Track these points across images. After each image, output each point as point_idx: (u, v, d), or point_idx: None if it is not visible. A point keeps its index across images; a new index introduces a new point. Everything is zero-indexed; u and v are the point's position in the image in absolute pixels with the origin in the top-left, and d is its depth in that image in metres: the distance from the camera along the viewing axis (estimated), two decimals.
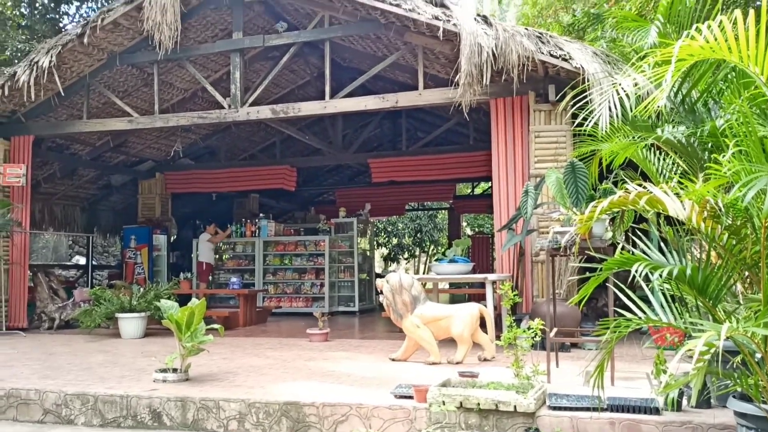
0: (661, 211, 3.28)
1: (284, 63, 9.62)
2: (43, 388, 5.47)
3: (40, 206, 13.13)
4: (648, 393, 4.63)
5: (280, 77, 11.84)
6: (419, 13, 8.03)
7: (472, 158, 12.57)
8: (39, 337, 9.48)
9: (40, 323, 10.52)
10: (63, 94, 10.06)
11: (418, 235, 26.49)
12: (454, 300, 14.32)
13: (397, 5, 8.14)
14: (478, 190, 21.10)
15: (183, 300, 8.41)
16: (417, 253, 29.22)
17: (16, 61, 12.91)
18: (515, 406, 4.30)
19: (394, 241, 26.99)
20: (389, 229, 26.51)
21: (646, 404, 4.24)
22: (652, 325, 3.54)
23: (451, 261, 8.01)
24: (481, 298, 9.88)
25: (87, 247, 14.53)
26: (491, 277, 7.49)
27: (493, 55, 7.65)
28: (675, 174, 4.47)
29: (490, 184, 16.92)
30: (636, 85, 3.85)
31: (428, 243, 27.67)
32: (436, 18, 7.96)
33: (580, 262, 6.95)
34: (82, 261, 16.07)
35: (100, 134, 11.62)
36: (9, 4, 15.38)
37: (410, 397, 4.72)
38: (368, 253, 15.21)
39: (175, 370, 5.73)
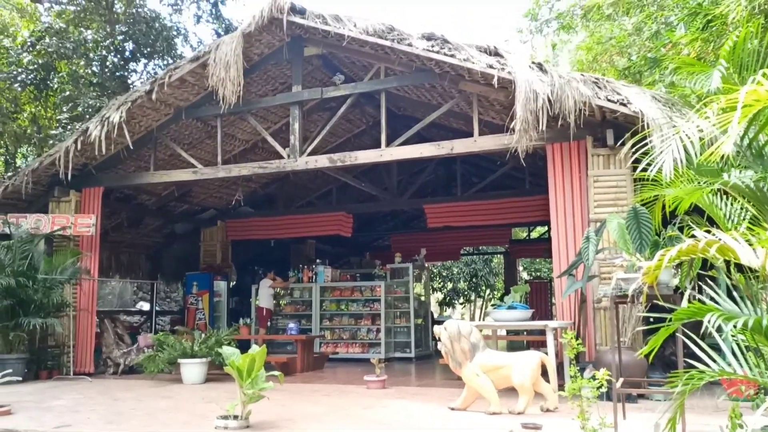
0: (731, 259, 3.18)
1: (341, 113, 9.83)
2: None
3: (107, 254, 13.60)
4: None
5: (336, 127, 12.08)
6: (474, 63, 8.12)
7: (528, 203, 12.45)
8: (104, 382, 9.70)
9: (105, 368, 10.78)
10: (132, 147, 10.48)
11: (474, 279, 26.21)
12: (512, 347, 14.02)
13: (452, 56, 8.25)
14: (534, 234, 20.82)
15: (242, 345, 8.51)
16: (473, 297, 28.87)
17: (88, 117, 13.58)
18: None
19: (450, 285, 26.76)
20: (444, 274, 26.34)
21: None
22: (725, 377, 3.39)
23: (510, 307, 7.88)
24: (539, 346, 9.65)
25: (151, 293, 14.92)
26: (552, 324, 7.32)
27: (549, 101, 7.63)
28: (743, 219, 4.33)
29: (546, 229, 16.70)
30: (701, 130, 3.78)
31: (484, 288, 27.33)
32: (491, 67, 8.03)
33: (645, 310, 6.74)
34: (146, 307, 16.46)
35: (165, 185, 12.03)
36: (82, 63, 16.29)
37: None
38: (424, 298, 15.12)
39: (236, 417, 5.76)
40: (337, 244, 18.00)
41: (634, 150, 6.42)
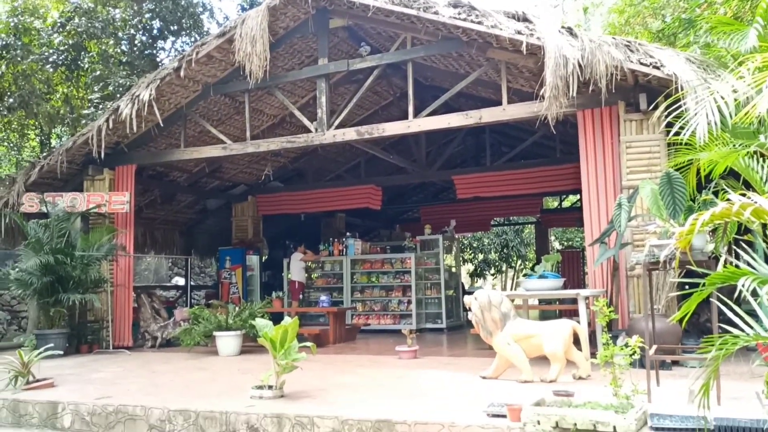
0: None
1: (368, 85, 9.78)
2: (148, 404, 5.74)
3: (142, 231, 13.88)
4: (759, 413, 4.35)
5: (363, 99, 12.04)
6: (501, 29, 7.99)
7: (559, 171, 12.31)
8: (143, 355, 9.96)
9: (143, 342, 11.05)
10: (162, 124, 10.60)
11: (505, 250, 26.12)
12: (544, 317, 13.99)
13: (479, 23, 8.12)
14: (566, 203, 20.63)
15: (275, 318, 8.63)
16: (504, 268, 28.80)
17: (119, 96, 13.74)
18: (615, 427, 4.14)
19: (480, 256, 26.71)
20: (475, 245, 26.29)
21: (756, 425, 3.99)
22: (761, 342, 3.34)
23: (541, 276, 7.85)
24: (571, 315, 9.61)
25: (185, 268, 15.17)
26: (584, 292, 7.28)
27: (579, 66, 7.49)
28: None
29: (578, 197, 16.53)
30: (735, 91, 3.67)
31: (515, 258, 27.23)
32: (519, 33, 7.89)
33: (679, 276, 6.66)
34: (181, 282, 16.77)
35: (196, 161, 12.14)
36: (111, 42, 16.44)
37: (503, 416, 4.64)
38: (454, 269, 15.12)
39: (270, 387, 5.88)
40: (367, 217, 18.06)
41: (667, 114, 6.29)
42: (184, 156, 10.85)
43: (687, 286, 4.35)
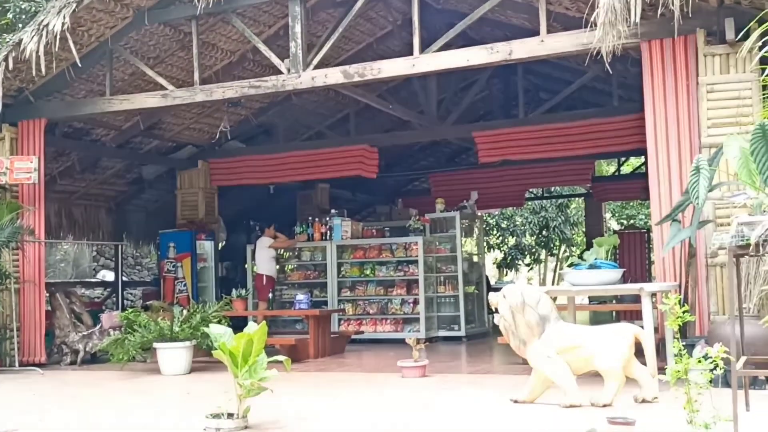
0: None
1: (359, 9, 9.69)
2: None
3: (56, 208, 13.83)
4: None
5: (353, 29, 11.94)
6: None
7: (616, 125, 12.27)
8: (60, 375, 9.97)
9: (60, 357, 11.04)
10: (80, 65, 10.50)
11: (544, 232, 26.14)
12: (596, 320, 14.03)
13: None
14: (626, 169, 20.60)
15: (237, 324, 8.65)
16: (543, 256, 28.87)
17: (21, 25, 13.61)
18: None
19: (512, 241, 26.76)
20: (504, 226, 26.32)
21: None
22: None
23: (592, 267, 7.85)
24: (633, 317, 9.62)
25: (115, 258, 15.17)
26: (649, 287, 7.28)
27: None
28: None
29: (643, 160, 16.50)
30: None
31: (558, 243, 27.29)
32: None
33: None
34: (110, 277, 16.78)
35: (127, 114, 12.05)
36: None
37: None
38: (477, 258, 15.15)
39: (230, 416, 5.88)
40: (360, 190, 18.04)
41: (762, 45, 6.24)
42: (110, 107, 10.76)
43: None
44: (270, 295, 13.72)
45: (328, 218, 14.26)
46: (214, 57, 11.98)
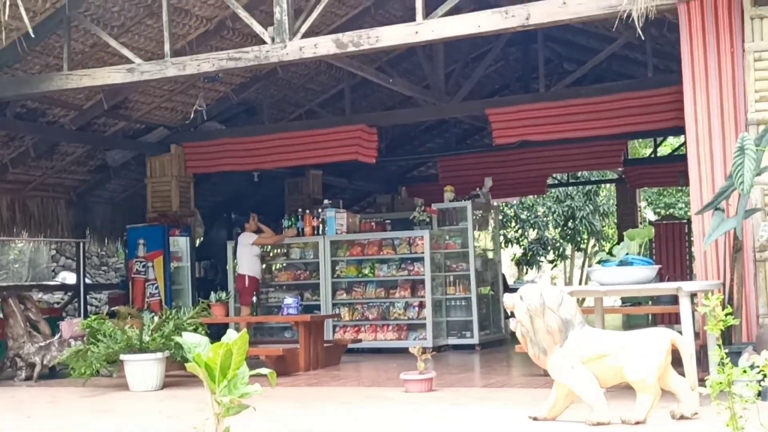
0: None
1: None
2: None
3: (8, 201, 13.86)
4: None
5: None
6: None
7: (651, 100, 12.23)
8: (13, 392, 9.98)
9: (14, 371, 11.06)
10: (33, 35, 10.43)
11: (570, 223, 26.13)
12: (629, 324, 14.03)
13: None
14: (663, 150, 20.58)
15: (216, 332, 8.64)
16: (568, 252, 28.84)
17: None
18: None
19: (532, 234, 26.75)
20: (524, 217, 26.31)
21: None
22: None
23: (623, 263, 7.85)
24: (670, 321, 9.62)
25: (77, 258, 15.18)
26: (688, 286, 7.28)
27: None
28: None
29: (682, 140, 16.46)
30: None
31: (586, 236, 27.28)
32: None
33: None
34: (71, 279, 16.80)
35: (89, 91, 12.06)
36: None
37: None
38: (492, 254, 15.16)
39: None
40: (356, 176, 18.05)
41: None
42: (69, 83, 10.71)
43: None
44: (254, 298, 13.72)
45: (320, 210, 14.25)
46: (188, 25, 11.95)
